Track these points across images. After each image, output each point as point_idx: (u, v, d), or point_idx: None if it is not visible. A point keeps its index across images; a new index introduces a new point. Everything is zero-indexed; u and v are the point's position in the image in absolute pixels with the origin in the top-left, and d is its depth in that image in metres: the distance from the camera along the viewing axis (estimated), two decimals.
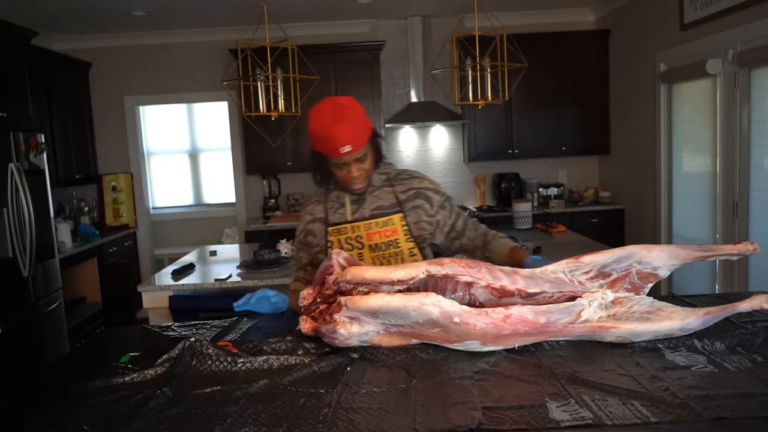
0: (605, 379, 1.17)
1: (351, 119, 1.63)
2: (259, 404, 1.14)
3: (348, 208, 1.81)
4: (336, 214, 1.82)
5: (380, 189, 1.82)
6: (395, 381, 1.22)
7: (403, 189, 1.82)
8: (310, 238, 1.86)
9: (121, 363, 1.40)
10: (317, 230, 1.84)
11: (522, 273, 1.39)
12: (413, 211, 1.79)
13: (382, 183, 1.84)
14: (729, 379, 1.15)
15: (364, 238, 1.77)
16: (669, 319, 1.32)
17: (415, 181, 1.84)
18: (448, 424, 1.01)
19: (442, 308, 1.25)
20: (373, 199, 1.80)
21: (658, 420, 1.00)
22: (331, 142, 1.63)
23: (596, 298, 1.37)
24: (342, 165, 1.70)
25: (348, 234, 1.78)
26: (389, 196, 1.81)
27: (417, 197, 1.80)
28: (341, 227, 1.79)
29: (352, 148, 1.64)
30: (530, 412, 1.04)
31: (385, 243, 1.76)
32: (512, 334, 1.28)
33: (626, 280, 1.42)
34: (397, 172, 1.87)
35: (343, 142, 1.62)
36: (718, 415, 1.01)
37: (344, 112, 1.63)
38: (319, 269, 1.54)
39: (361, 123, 1.65)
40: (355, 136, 1.63)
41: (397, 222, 1.77)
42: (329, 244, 1.80)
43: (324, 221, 1.83)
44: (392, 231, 1.77)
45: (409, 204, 1.79)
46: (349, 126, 1.62)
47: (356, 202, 1.81)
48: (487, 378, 1.21)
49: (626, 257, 1.40)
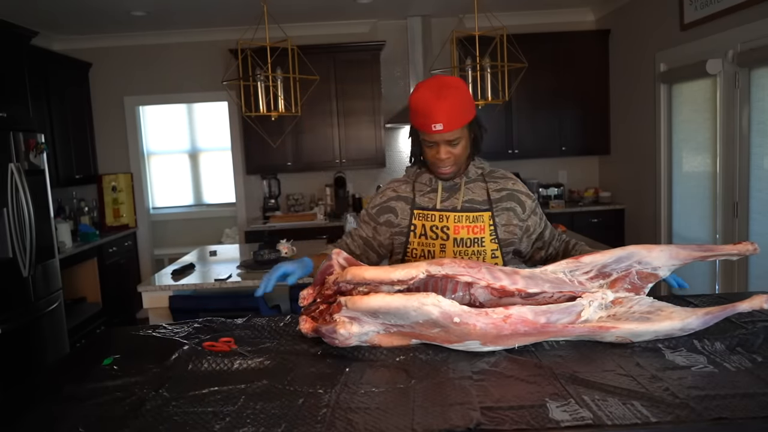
0: (605, 379, 1.17)
1: (451, 99, 1.57)
2: (258, 404, 1.13)
3: (439, 194, 1.73)
4: (424, 197, 1.75)
5: (474, 182, 1.75)
6: (394, 381, 1.22)
7: (496, 188, 1.75)
8: (389, 216, 1.77)
9: (105, 365, 1.39)
10: (401, 209, 1.76)
11: (522, 273, 1.39)
12: (504, 213, 1.73)
13: (477, 177, 1.76)
14: (729, 379, 1.14)
15: (451, 229, 1.70)
16: (669, 319, 1.32)
17: (509, 182, 1.77)
18: (447, 425, 1.01)
19: (442, 308, 1.25)
20: (466, 191, 1.73)
21: (659, 420, 1.00)
22: (424, 117, 1.59)
23: (596, 298, 1.37)
24: (432, 144, 1.64)
25: (435, 222, 1.71)
26: (482, 192, 1.74)
27: (510, 199, 1.74)
28: (429, 213, 1.72)
29: (443, 128, 1.58)
30: (530, 412, 1.04)
31: (471, 239, 1.70)
32: (512, 334, 1.28)
33: (626, 280, 1.42)
34: (491, 170, 1.80)
35: (436, 119, 1.57)
36: (718, 415, 1.00)
37: (446, 91, 1.58)
38: (319, 269, 1.54)
39: (460, 105, 1.59)
40: (450, 117, 1.58)
41: (485, 220, 1.71)
42: (412, 228, 1.73)
43: (410, 202, 1.75)
44: (480, 228, 1.70)
45: (501, 205, 1.73)
46: (446, 105, 1.57)
47: (448, 189, 1.74)
48: (486, 378, 1.21)
49: (626, 257, 1.40)
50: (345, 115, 5.42)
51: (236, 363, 1.35)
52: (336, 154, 5.47)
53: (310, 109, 5.23)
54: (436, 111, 1.57)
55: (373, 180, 5.85)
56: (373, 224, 1.80)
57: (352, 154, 5.48)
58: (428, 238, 1.71)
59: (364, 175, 5.85)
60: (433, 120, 1.58)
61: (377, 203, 1.81)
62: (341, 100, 5.40)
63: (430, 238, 1.71)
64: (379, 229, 1.79)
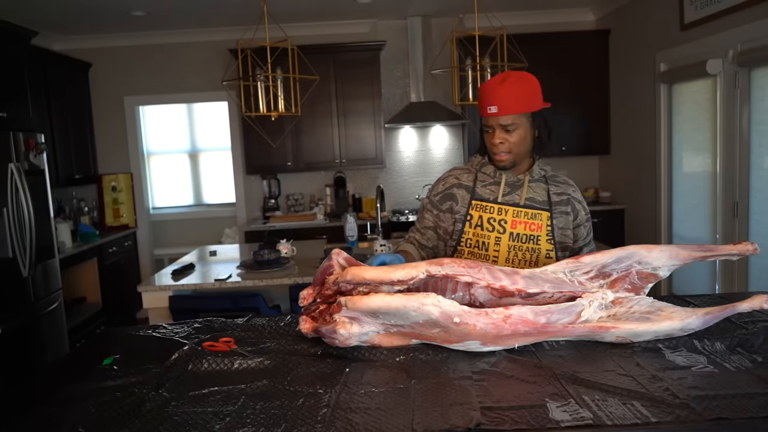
0: (605, 379, 1.17)
1: (512, 84, 1.62)
2: (258, 404, 1.13)
3: (502, 187, 1.73)
4: (485, 189, 1.76)
5: (537, 183, 1.76)
6: (394, 381, 1.22)
7: (557, 191, 1.76)
8: (451, 203, 1.78)
9: (105, 365, 1.39)
10: (461, 197, 1.77)
11: (522, 273, 1.39)
12: (561, 216, 1.74)
13: (540, 177, 1.78)
14: (729, 380, 1.15)
15: (509, 223, 1.71)
16: (669, 320, 1.32)
17: (570, 189, 1.79)
18: (447, 425, 1.01)
19: (442, 308, 1.25)
20: (528, 189, 1.74)
21: (659, 420, 1.00)
22: (483, 101, 1.65)
23: (596, 299, 1.37)
24: (489, 129, 1.68)
25: (493, 214, 1.72)
26: (543, 192, 1.75)
27: (568, 204, 1.76)
28: (488, 204, 1.73)
29: (497, 111, 1.61)
30: (530, 412, 1.04)
31: (527, 236, 1.70)
32: (512, 334, 1.28)
33: (626, 281, 1.42)
34: (553, 174, 1.82)
35: (492, 101, 1.62)
36: (719, 415, 1.01)
37: (510, 78, 1.63)
38: (319, 269, 1.54)
39: (519, 93, 1.63)
40: (506, 101, 1.61)
41: (544, 220, 1.71)
42: (469, 217, 1.74)
43: (471, 191, 1.76)
44: (538, 226, 1.71)
45: (560, 208, 1.74)
46: (506, 89, 1.61)
47: (511, 185, 1.75)
48: (486, 378, 1.21)
49: (626, 257, 1.40)
50: (345, 115, 5.42)
51: (236, 363, 1.35)
52: (336, 154, 5.47)
53: (310, 109, 5.23)
54: (493, 94, 1.62)
55: (373, 180, 5.85)
56: (436, 211, 1.82)
57: (352, 154, 5.48)
58: (484, 229, 1.72)
59: (364, 175, 5.85)
60: (489, 102, 1.63)
61: (440, 190, 1.83)
62: (341, 100, 5.40)
63: (486, 230, 1.72)
64: (441, 216, 1.80)
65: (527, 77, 1.67)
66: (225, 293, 3.10)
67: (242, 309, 2.82)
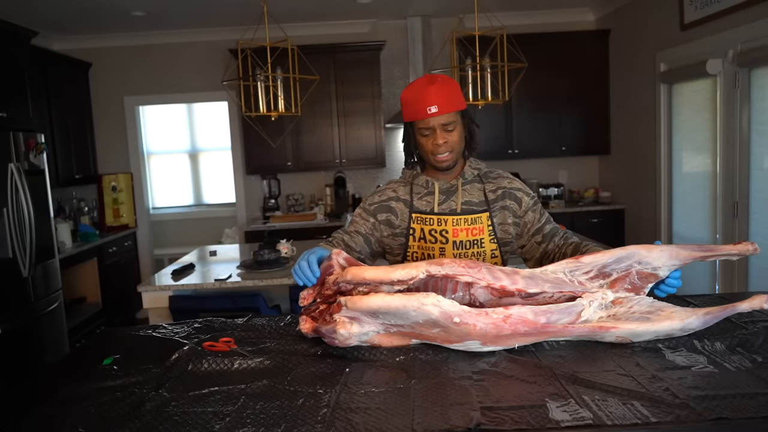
0: (605, 379, 1.17)
1: (442, 84, 1.64)
2: (258, 404, 1.13)
3: (436, 197, 1.72)
4: (421, 200, 1.74)
5: (471, 183, 1.75)
6: (394, 381, 1.22)
7: (492, 188, 1.75)
8: (389, 215, 1.76)
9: (105, 365, 1.39)
10: (400, 211, 1.75)
11: (522, 273, 1.39)
12: (500, 212, 1.73)
13: (474, 178, 1.77)
14: (729, 380, 1.15)
15: (450, 233, 1.69)
16: (669, 319, 1.32)
17: (504, 181, 1.77)
18: (447, 425, 1.01)
19: (442, 308, 1.25)
20: (463, 193, 1.73)
21: (659, 420, 1.00)
22: (418, 103, 1.64)
23: (596, 299, 1.37)
24: (428, 132, 1.67)
25: (433, 226, 1.70)
26: (479, 193, 1.74)
27: (505, 197, 1.74)
28: (427, 217, 1.71)
29: (438, 109, 1.62)
30: (530, 412, 1.04)
31: (470, 241, 1.69)
32: (512, 335, 1.28)
33: (626, 281, 1.42)
34: (487, 170, 1.80)
35: (431, 101, 1.62)
36: (719, 414, 1.01)
37: (437, 79, 1.65)
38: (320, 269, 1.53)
39: (451, 90, 1.65)
40: (444, 99, 1.63)
41: (484, 221, 1.71)
42: (411, 231, 1.72)
43: (409, 205, 1.75)
44: (479, 230, 1.70)
45: (498, 204, 1.73)
46: (438, 88, 1.62)
47: (445, 192, 1.74)
48: (486, 378, 1.21)
49: (626, 257, 1.40)
50: (345, 115, 5.42)
51: (236, 363, 1.35)
52: (336, 154, 5.47)
53: (310, 109, 5.23)
54: (429, 95, 1.62)
55: (373, 180, 5.85)
56: (372, 220, 1.78)
57: (352, 154, 5.48)
58: (427, 241, 1.71)
59: (364, 175, 5.85)
60: (427, 103, 1.62)
61: (376, 201, 1.80)
62: (341, 100, 5.40)
63: (429, 242, 1.70)
64: (378, 226, 1.78)
65: (449, 78, 1.69)
66: (225, 293, 3.10)
67: (242, 309, 2.82)
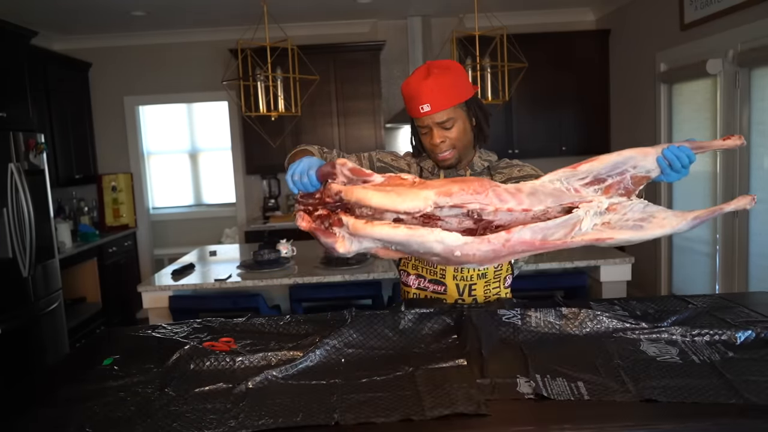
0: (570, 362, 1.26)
1: (438, 78, 1.49)
2: (268, 399, 1.16)
3: None
4: None
5: (480, 176, 1.65)
6: (395, 369, 1.27)
7: (501, 179, 1.65)
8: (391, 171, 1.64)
9: (105, 365, 1.39)
10: None
11: (525, 191, 1.35)
12: None
13: (483, 170, 1.68)
14: (685, 370, 1.21)
15: None
16: (660, 227, 1.33)
17: (515, 170, 1.68)
18: (453, 408, 1.08)
19: (445, 244, 1.25)
20: None
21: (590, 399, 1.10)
22: (413, 99, 1.52)
23: (592, 207, 1.37)
24: (425, 130, 1.56)
25: None
26: None
27: None
28: None
29: (430, 108, 1.50)
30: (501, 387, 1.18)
31: None
32: (510, 254, 1.30)
33: (620, 185, 1.42)
34: (498, 162, 1.72)
35: (423, 100, 1.49)
36: (649, 397, 1.09)
37: (434, 71, 1.50)
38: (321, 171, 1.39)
39: (449, 83, 1.51)
40: (437, 97, 1.49)
41: None
42: None
43: None
44: None
45: None
46: (432, 84, 1.49)
47: None
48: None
49: (622, 162, 1.38)
50: (345, 115, 5.42)
51: (238, 361, 1.35)
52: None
53: (310, 109, 5.23)
54: (421, 92, 1.50)
55: None
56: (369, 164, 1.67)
57: None
58: None
59: None
60: (419, 101, 1.51)
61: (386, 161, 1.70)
62: (341, 100, 5.40)
63: None
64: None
65: (450, 65, 1.55)
66: (225, 293, 3.10)
67: (242, 309, 2.82)
